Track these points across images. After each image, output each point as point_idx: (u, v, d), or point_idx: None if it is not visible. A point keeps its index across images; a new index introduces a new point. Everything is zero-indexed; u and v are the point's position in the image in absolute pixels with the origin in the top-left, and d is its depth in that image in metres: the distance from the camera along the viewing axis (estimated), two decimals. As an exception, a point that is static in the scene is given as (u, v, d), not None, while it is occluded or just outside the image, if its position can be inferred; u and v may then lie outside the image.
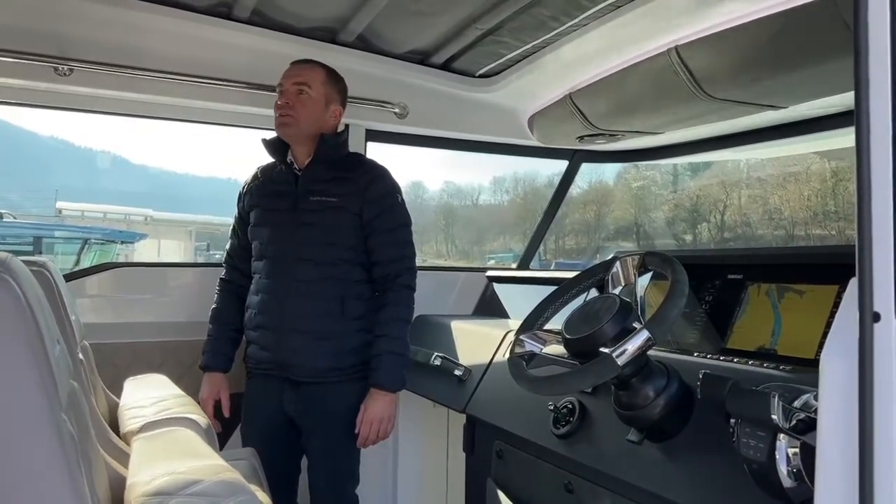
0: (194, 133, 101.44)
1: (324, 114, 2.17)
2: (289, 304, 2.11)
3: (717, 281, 1.79)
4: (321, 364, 2.10)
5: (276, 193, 2.19)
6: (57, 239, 12.01)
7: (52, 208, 19.53)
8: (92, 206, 20.40)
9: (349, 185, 2.14)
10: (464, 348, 2.35)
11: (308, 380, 2.11)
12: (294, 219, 2.14)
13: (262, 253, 2.20)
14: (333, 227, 2.12)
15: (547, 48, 2.39)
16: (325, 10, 2.29)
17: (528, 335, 1.50)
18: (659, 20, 2.00)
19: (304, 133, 2.14)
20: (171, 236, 22.12)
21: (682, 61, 2.05)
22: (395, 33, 2.44)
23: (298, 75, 2.15)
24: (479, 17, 2.22)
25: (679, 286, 1.26)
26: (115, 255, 13.38)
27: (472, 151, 3.04)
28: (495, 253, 56.15)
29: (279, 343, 2.11)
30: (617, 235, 49.65)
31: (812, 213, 31.60)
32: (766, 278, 1.66)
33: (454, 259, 59.06)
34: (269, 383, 2.16)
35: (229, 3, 2.26)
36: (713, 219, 44.36)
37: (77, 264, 11.75)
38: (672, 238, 45.27)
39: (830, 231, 37.42)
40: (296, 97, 2.12)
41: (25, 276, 0.84)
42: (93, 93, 2.35)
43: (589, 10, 2.08)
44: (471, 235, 60.05)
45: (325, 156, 2.16)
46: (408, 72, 2.65)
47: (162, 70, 2.36)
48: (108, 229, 13.75)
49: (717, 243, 43.68)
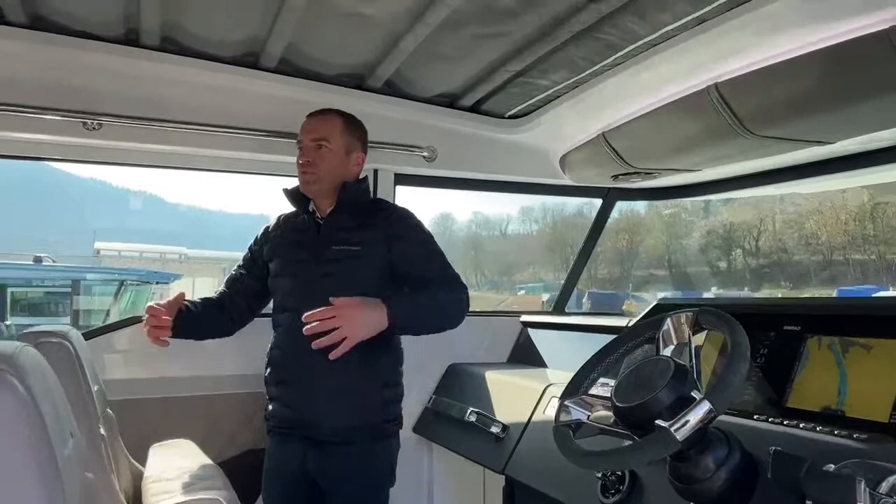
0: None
1: (346, 164, 2.12)
2: (309, 360, 1.98)
3: (772, 332, 1.67)
4: (345, 422, 1.99)
5: (298, 243, 2.13)
6: (94, 281, 12.23)
7: (90, 248, 20.01)
8: (128, 246, 20.87)
9: (372, 231, 2.06)
10: (500, 402, 2.24)
11: (331, 439, 2.00)
12: (315, 270, 2.05)
13: (282, 305, 2.12)
14: (356, 277, 2.03)
15: (578, 88, 2.32)
16: (352, 56, 2.26)
17: (573, 400, 1.40)
18: (697, 57, 1.92)
19: (328, 187, 2.09)
20: (205, 273, 22.46)
21: (723, 99, 1.97)
22: (423, 77, 2.40)
23: (316, 130, 2.10)
24: (508, 59, 2.17)
25: (739, 350, 1.16)
26: (151, 294, 13.60)
27: (503, 192, 2.97)
28: (525, 283, 55.77)
29: (301, 400, 2.02)
30: (649, 264, 49.10)
31: (850, 237, 30.93)
32: (828, 330, 1.54)
33: (484, 290, 58.69)
34: (291, 443, 2.05)
35: (256, 52, 2.24)
36: (747, 245, 43.58)
37: (114, 304, 11.96)
38: (706, 265, 44.85)
39: (870, 255, 36.74)
40: (316, 153, 2.07)
41: (35, 368, 0.78)
42: (122, 146, 2.35)
43: (623, 50, 2.01)
44: (500, 265, 59.83)
45: (347, 203, 2.10)
46: (436, 115, 2.60)
47: (190, 121, 2.34)
48: (143, 270, 13.99)
49: (753, 270, 42.94)
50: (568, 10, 1.84)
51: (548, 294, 49.26)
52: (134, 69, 2.22)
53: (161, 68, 2.23)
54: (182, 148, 2.40)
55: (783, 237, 35.86)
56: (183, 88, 2.33)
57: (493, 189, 2.95)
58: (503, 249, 52.11)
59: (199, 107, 2.36)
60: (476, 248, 49.98)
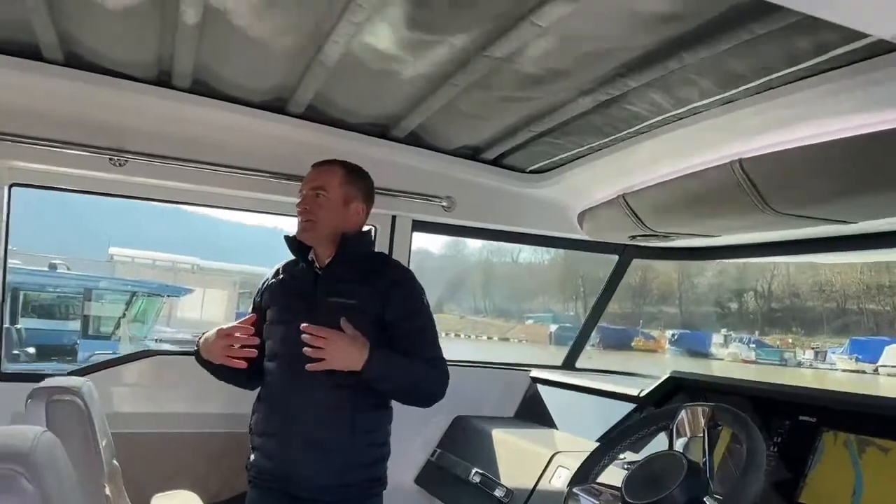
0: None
1: (343, 214, 2.09)
2: (296, 412, 1.98)
3: (786, 421, 1.65)
4: (325, 480, 1.95)
5: (295, 293, 2.11)
6: (106, 290, 12.33)
7: (104, 253, 20.16)
8: (142, 253, 21.00)
9: (372, 286, 2.03)
10: (506, 464, 2.22)
11: (310, 496, 1.96)
12: (309, 320, 1.99)
13: (273, 353, 2.09)
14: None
15: (602, 150, 2.33)
16: (378, 108, 2.29)
17: (582, 489, 1.38)
18: (722, 133, 1.93)
19: (323, 235, 2.08)
20: (217, 285, 22.56)
21: (746, 174, 1.96)
22: (447, 131, 2.42)
23: (315, 179, 2.11)
24: (533, 120, 2.19)
25: (756, 457, 1.14)
26: (162, 304, 13.68)
27: (520, 244, 2.97)
28: (534, 312, 55.59)
29: (283, 453, 1.98)
30: (660, 301, 48.68)
31: (865, 286, 30.49)
32: (845, 426, 1.52)
33: (492, 316, 58.55)
34: (270, 497, 2.01)
35: (285, 98, 2.27)
36: (760, 287, 43.10)
37: (126, 312, 12.04)
38: (717, 305, 44.27)
39: (885, 306, 36.19)
40: (313, 201, 2.07)
41: (52, 464, 0.78)
42: (146, 182, 2.38)
43: (648, 121, 2.02)
44: (509, 293, 59.60)
45: (346, 255, 2.08)
46: (457, 166, 2.62)
47: (215, 162, 2.37)
48: (155, 283, 14.08)
49: (764, 313, 42.27)
50: (595, 82, 1.86)
51: (556, 325, 49.05)
52: (163, 109, 2.26)
53: (189, 109, 2.26)
54: (206, 187, 2.43)
55: (797, 282, 35.52)
56: (210, 129, 2.36)
57: (509, 240, 2.96)
58: (514, 277, 52.07)
59: (225, 147, 2.39)
60: (486, 273, 49.98)
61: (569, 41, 1.65)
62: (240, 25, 1.78)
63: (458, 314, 51.41)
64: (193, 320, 21.33)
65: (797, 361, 41.69)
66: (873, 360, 35.87)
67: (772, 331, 45.29)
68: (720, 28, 1.48)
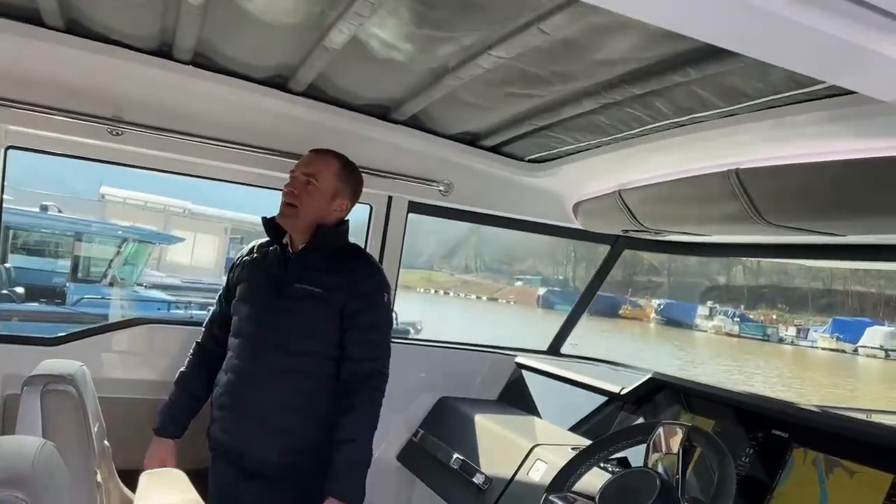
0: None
1: (327, 206, 2.13)
2: (253, 390, 2.04)
3: (759, 433, 1.70)
4: (276, 458, 2.01)
5: (266, 273, 2.15)
6: (97, 235, 12.29)
7: (96, 192, 19.93)
8: (133, 194, 20.74)
9: (339, 277, 2.08)
10: (486, 451, 2.28)
11: (261, 471, 2.03)
12: (275, 303, 2.08)
13: (238, 330, 2.14)
14: (313, 318, 2.07)
15: (601, 147, 2.33)
16: (381, 92, 2.27)
17: (558, 496, 1.43)
18: (721, 144, 1.94)
19: (303, 223, 2.11)
20: (207, 230, 22.43)
21: (742, 185, 1.98)
22: (448, 118, 2.41)
23: (309, 165, 2.13)
24: (535, 115, 2.18)
25: (726, 485, 1.19)
26: (152, 249, 13.64)
27: (514, 229, 2.99)
28: (524, 274, 55.82)
29: (237, 428, 2.05)
30: (650, 271, 48.92)
31: (852, 269, 30.64)
32: (815, 445, 1.57)
33: (482, 275, 58.75)
34: (230, 470, 2.08)
35: (286, 75, 2.24)
36: (749, 262, 43.20)
37: (116, 256, 12.01)
38: (705, 278, 44.54)
39: (870, 288, 36.52)
40: (302, 187, 2.10)
41: (51, 485, 0.81)
42: (143, 152, 2.36)
43: (650, 124, 2.02)
44: (499, 254, 59.77)
45: (319, 244, 2.12)
46: (456, 151, 2.61)
47: (213, 136, 2.35)
48: (145, 229, 14.02)
49: (751, 288, 42.59)
50: (599, 86, 1.85)
51: (544, 288, 49.41)
52: (163, 80, 2.23)
53: (189, 82, 2.23)
54: (202, 160, 2.41)
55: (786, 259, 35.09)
56: (209, 103, 2.34)
57: (504, 225, 2.97)
58: (504, 238, 52.06)
59: (224, 122, 2.37)
60: (478, 234, 49.95)
61: (576, 49, 1.64)
62: (245, 6, 1.75)
63: (449, 272, 51.65)
64: (183, 265, 21.33)
65: (779, 337, 42.36)
66: (854, 340, 36.52)
67: (757, 306, 45.89)
68: (728, 49, 1.47)
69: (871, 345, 35.52)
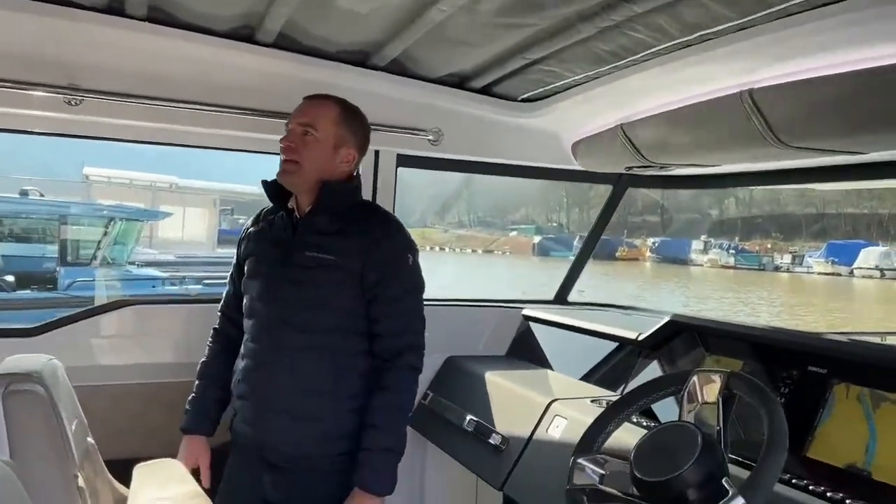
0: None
1: (331, 158, 1.90)
2: (272, 375, 1.84)
3: (794, 371, 1.59)
4: (303, 449, 1.83)
5: (273, 242, 1.94)
6: (82, 216, 12.07)
7: (79, 173, 19.63)
8: (118, 173, 20.44)
9: (353, 240, 1.85)
10: (501, 410, 2.17)
11: (287, 465, 1.85)
12: (284, 274, 1.86)
13: (250, 310, 1.94)
14: (329, 289, 1.85)
15: (600, 79, 2.16)
16: (357, 35, 2.08)
17: (588, 459, 1.31)
18: (733, 62, 1.77)
19: (307, 180, 1.88)
20: (196, 204, 22.22)
21: (756, 105, 1.82)
22: (433, 58, 2.22)
23: (304, 114, 1.89)
24: (527, 47, 2.00)
25: (777, 438, 1.07)
26: (141, 227, 13.46)
27: (510, 176, 2.84)
28: (518, 224, 56.01)
29: (258, 419, 1.87)
30: (644, 210, 49.10)
31: (844, 190, 30.88)
32: (857, 379, 1.46)
33: (475, 229, 59.00)
34: (251, 461, 1.89)
35: (252, 26, 2.05)
36: (741, 193, 43.45)
37: (104, 239, 11.83)
38: (698, 213, 44.87)
39: (862, 209, 36.88)
40: (300, 139, 1.86)
41: None
42: (105, 122, 2.18)
43: (654, 48, 1.85)
44: (492, 205, 59.75)
45: (328, 205, 1.89)
46: (443, 96, 2.43)
47: (180, 99, 2.17)
48: (132, 207, 13.80)
49: (745, 219, 43.04)
50: (597, 6, 1.67)
51: (539, 236, 49.81)
52: (116, 40, 2.04)
53: (147, 40, 2.04)
54: (169, 125, 2.23)
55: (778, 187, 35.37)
56: (171, 62, 2.15)
57: (499, 172, 2.81)
58: (496, 188, 51.84)
59: (188, 82, 2.19)
60: (468, 185, 49.69)
61: None
62: None
63: (442, 228, 51.57)
64: (176, 240, 21.17)
65: (774, 266, 42.64)
66: (849, 262, 36.77)
67: (751, 236, 46.10)
68: None
69: (866, 266, 35.79)
